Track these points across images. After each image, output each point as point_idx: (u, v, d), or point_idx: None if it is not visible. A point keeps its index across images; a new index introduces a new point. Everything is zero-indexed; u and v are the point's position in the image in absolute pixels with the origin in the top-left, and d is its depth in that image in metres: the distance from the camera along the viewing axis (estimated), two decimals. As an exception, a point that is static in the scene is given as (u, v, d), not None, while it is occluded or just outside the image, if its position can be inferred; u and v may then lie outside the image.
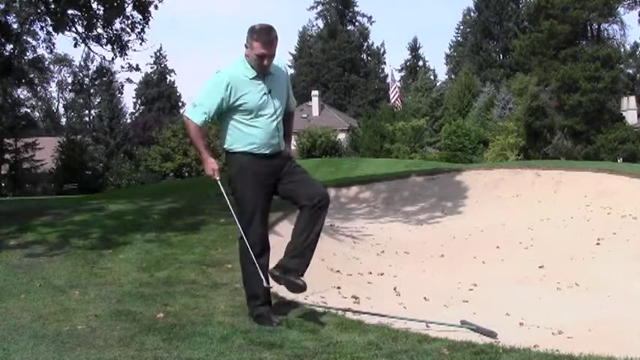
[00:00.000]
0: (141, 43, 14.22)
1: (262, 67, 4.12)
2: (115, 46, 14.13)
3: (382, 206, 12.33)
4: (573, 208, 10.06)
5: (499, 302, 5.40)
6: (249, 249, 4.14)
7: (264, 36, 4.07)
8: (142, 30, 14.05)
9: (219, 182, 4.26)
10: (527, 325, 4.56)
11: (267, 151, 4.19)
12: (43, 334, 3.78)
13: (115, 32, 13.98)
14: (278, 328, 4.00)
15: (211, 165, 4.23)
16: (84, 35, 13.96)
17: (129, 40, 14.09)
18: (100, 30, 14.00)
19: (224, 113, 4.18)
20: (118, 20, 13.91)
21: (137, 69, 15.38)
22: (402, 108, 41.58)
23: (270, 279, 4.20)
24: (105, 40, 14.11)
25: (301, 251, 4.15)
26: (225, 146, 4.26)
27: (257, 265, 4.13)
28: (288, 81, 4.42)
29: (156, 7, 13.99)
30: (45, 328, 3.90)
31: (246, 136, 4.17)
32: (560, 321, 4.59)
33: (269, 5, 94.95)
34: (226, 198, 4.26)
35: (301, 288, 4.13)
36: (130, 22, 13.94)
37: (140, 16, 13.97)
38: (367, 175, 14.91)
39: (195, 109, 4.18)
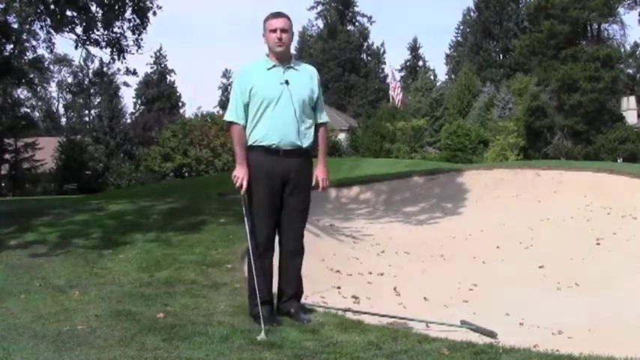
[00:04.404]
0: (137, 49, 14.26)
1: (279, 44, 4.13)
2: (113, 50, 14.17)
3: (382, 206, 12.34)
4: (573, 208, 10.07)
5: (499, 302, 5.41)
6: (256, 247, 4.16)
7: (274, 13, 4.21)
8: (140, 34, 14.09)
9: (243, 197, 4.23)
10: (527, 325, 4.57)
11: (279, 144, 4.11)
12: (43, 334, 3.77)
13: (113, 35, 14.01)
14: (278, 328, 4.00)
15: (238, 173, 4.17)
16: (83, 38, 14.00)
17: (127, 45, 14.15)
18: (98, 33, 14.06)
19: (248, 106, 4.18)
20: (116, 23, 13.95)
21: (134, 73, 15.45)
22: (403, 109, 41.45)
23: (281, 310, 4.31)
24: (104, 44, 14.15)
25: (293, 278, 4.32)
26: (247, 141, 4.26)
27: (260, 265, 4.14)
28: (316, 82, 4.31)
29: (154, 13, 14.03)
30: (45, 328, 3.90)
31: (260, 126, 4.14)
32: (560, 321, 4.60)
33: (269, 5, 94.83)
34: (244, 210, 4.22)
35: (308, 321, 4.17)
36: (129, 24, 13.99)
37: (139, 21, 14.01)
38: (367, 176, 14.91)
39: (227, 112, 4.23)
